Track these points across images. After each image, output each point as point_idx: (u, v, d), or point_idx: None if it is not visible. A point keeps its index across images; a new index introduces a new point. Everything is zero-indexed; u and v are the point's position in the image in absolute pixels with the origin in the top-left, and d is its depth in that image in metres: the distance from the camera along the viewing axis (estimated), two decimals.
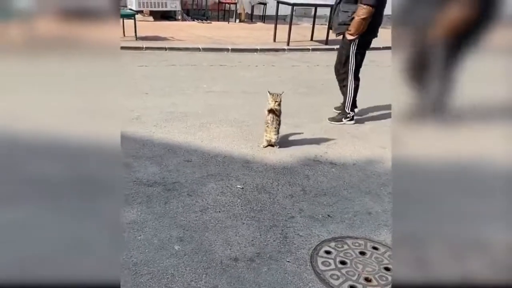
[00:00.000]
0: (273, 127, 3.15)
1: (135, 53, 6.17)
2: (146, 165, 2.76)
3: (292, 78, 5.40)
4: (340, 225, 2.28)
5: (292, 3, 7.29)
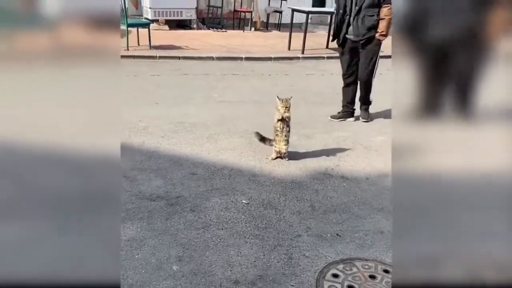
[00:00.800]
0: (283, 136, 3.04)
1: (149, 62, 6.18)
2: (151, 178, 2.70)
3: (306, 87, 5.29)
4: (350, 245, 2.15)
5: (307, 11, 7.20)
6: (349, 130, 3.83)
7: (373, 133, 3.79)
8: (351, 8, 3.71)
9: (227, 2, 9.53)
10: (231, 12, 9.60)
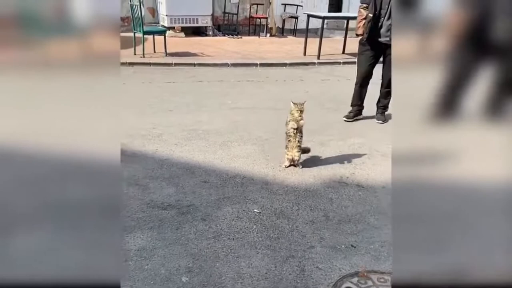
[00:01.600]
0: (295, 141, 2.99)
1: (164, 69, 6.23)
2: (162, 186, 2.68)
3: (321, 93, 5.22)
4: (365, 257, 2.07)
5: (323, 16, 7.14)
6: (365, 137, 3.75)
7: (390, 140, 3.69)
8: (387, 11, 3.68)
9: (242, 9, 9.57)
10: (247, 19, 9.62)
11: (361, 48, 4.01)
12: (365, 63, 4.01)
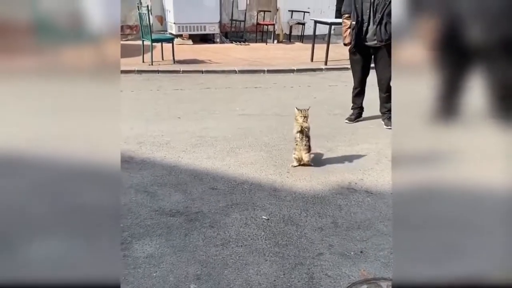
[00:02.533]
0: (302, 145, 3.09)
1: (172, 76, 6.28)
2: (171, 193, 2.69)
3: (328, 99, 5.21)
4: (374, 264, 2.05)
5: (330, 22, 7.15)
6: (373, 143, 3.73)
7: None
8: (369, 15, 3.81)
9: (250, 16, 9.63)
10: (254, 26, 9.68)
11: (351, 56, 4.18)
12: (358, 69, 4.18)
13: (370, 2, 3.77)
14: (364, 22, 3.85)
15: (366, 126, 4.22)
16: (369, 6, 3.78)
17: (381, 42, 3.83)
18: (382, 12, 3.73)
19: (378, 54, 3.96)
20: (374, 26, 3.81)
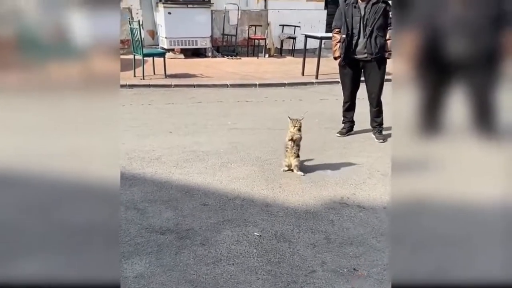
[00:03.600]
0: (292, 152, 3.27)
1: (164, 91, 6.26)
2: (161, 210, 2.65)
3: (320, 112, 5.23)
4: (368, 281, 2.02)
5: (320, 36, 7.24)
6: (365, 156, 3.73)
7: (390, 159, 3.67)
8: (359, 29, 3.86)
9: (241, 30, 9.71)
10: (245, 40, 9.75)
11: (341, 70, 4.17)
12: (348, 83, 4.20)
13: (360, 16, 3.82)
14: (354, 36, 3.90)
15: (357, 139, 4.24)
16: (359, 20, 3.84)
17: (371, 55, 3.88)
18: (372, 26, 3.79)
19: (368, 67, 4.00)
20: (364, 40, 3.86)
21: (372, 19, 3.78)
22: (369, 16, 3.78)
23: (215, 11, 9.22)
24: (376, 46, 3.82)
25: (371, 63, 3.95)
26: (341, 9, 3.95)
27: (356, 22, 3.86)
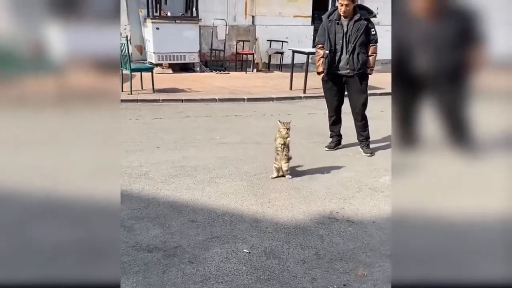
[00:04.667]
0: (283, 155, 3.41)
1: (152, 105, 6.24)
2: (148, 227, 2.60)
3: (308, 126, 5.27)
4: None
5: (307, 52, 7.33)
6: (353, 170, 3.75)
7: (379, 173, 3.69)
8: (342, 45, 3.95)
9: (229, 45, 9.79)
10: (234, 55, 9.83)
11: (324, 85, 4.25)
12: (332, 98, 4.26)
13: (343, 32, 3.90)
14: (337, 52, 3.97)
15: (345, 153, 4.26)
16: (341, 36, 3.92)
17: (353, 71, 3.95)
18: (354, 43, 3.87)
19: (350, 83, 4.07)
20: (347, 56, 3.93)
21: (355, 36, 3.86)
22: (352, 33, 3.86)
23: (203, 27, 9.30)
24: (359, 62, 3.90)
25: (353, 79, 4.01)
26: (324, 25, 4.01)
27: (339, 39, 3.94)
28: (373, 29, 3.91)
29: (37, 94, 1.45)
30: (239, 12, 9.86)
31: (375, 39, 3.93)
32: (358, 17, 3.83)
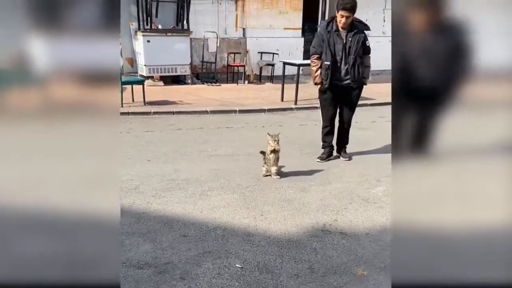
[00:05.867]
0: (273, 161, 3.70)
1: (143, 118, 6.20)
2: (139, 242, 2.55)
3: (299, 137, 5.27)
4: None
5: (298, 63, 7.39)
6: (345, 181, 3.74)
7: (371, 184, 3.69)
8: (342, 56, 3.98)
9: (220, 58, 9.82)
10: (225, 67, 9.85)
11: (322, 95, 4.23)
12: (329, 108, 4.26)
13: (343, 43, 3.93)
14: (337, 63, 4.00)
15: (337, 165, 4.26)
16: (341, 48, 3.95)
17: (354, 82, 4.03)
18: (355, 54, 3.94)
19: (348, 93, 4.12)
20: (346, 67, 3.99)
21: (355, 48, 3.92)
22: (352, 44, 3.91)
23: (194, 39, 9.33)
24: (359, 74, 3.99)
25: (352, 89, 4.09)
26: (321, 36, 4.01)
27: (339, 50, 3.96)
28: (367, 41, 4.00)
29: (21, 106, 1.42)
30: (230, 24, 9.92)
31: (369, 50, 4.04)
32: (357, 30, 3.91)
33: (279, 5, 10.14)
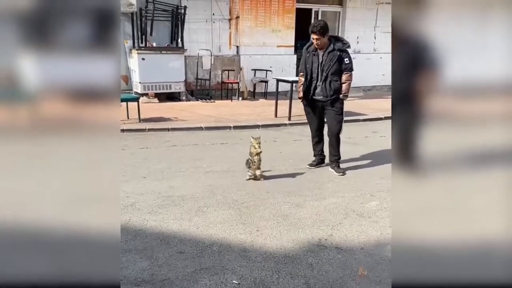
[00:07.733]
0: (257, 164, 4.07)
1: (138, 135, 6.22)
2: (136, 259, 2.56)
3: (293, 153, 5.32)
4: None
5: (291, 80, 7.50)
6: (340, 196, 3.79)
7: (365, 198, 3.74)
8: (317, 74, 4.34)
9: (214, 75, 9.93)
10: (219, 84, 9.96)
11: (305, 108, 4.66)
12: (312, 120, 4.65)
13: (318, 62, 4.29)
14: (313, 80, 4.37)
15: (332, 179, 4.31)
16: (317, 66, 4.32)
17: (326, 97, 4.31)
18: (327, 72, 4.24)
19: (325, 107, 4.43)
20: (321, 83, 4.32)
21: (328, 65, 4.23)
22: (325, 62, 4.24)
23: (189, 57, 9.44)
24: (331, 89, 4.26)
25: (327, 103, 4.36)
26: (304, 56, 4.44)
27: (315, 68, 4.34)
28: (346, 59, 4.23)
29: (10, 123, 1.44)
30: (224, 42, 10.08)
31: (348, 67, 4.24)
32: (331, 48, 4.21)
33: (272, 23, 10.33)
